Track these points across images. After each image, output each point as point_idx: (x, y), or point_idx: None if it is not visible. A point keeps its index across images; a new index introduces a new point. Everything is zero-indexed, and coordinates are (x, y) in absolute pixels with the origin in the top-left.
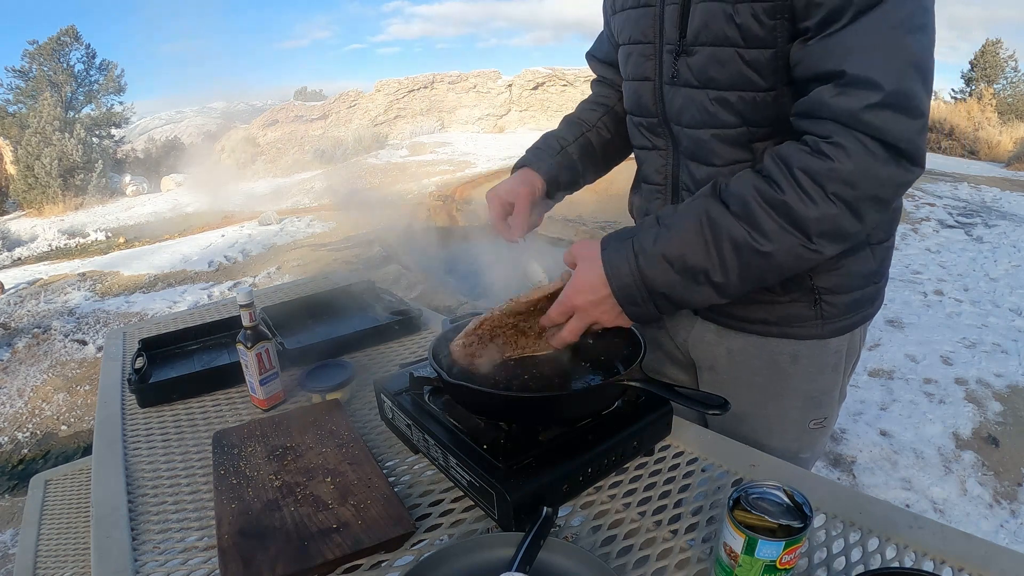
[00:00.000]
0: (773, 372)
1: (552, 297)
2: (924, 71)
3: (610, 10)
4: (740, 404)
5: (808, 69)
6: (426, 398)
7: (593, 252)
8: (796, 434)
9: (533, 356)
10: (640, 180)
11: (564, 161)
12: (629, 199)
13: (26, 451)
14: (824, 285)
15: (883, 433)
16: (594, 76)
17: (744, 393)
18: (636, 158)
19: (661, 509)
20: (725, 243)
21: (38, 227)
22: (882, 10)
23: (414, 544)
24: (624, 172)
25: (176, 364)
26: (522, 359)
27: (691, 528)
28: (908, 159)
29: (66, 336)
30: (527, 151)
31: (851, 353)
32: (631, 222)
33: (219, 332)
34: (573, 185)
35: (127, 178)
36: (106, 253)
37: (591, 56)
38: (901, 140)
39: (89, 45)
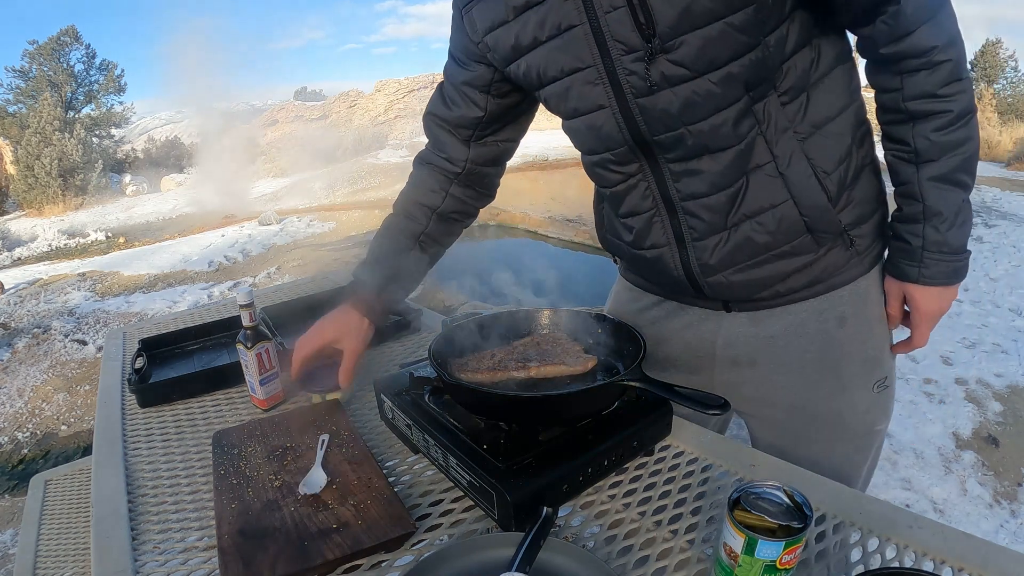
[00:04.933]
0: (823, 343)
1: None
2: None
3: (509, 55)
4: (796, 390)
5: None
6: (426, 398)
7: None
8: (866, 404)
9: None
10: (624, 215)
11: (399, 288)
12: (607, 241)
13: (26, 451)
14: (849, 220)
15: None
16: (422, 153)
17: (797, 377)
18: (609, 199)
19: (661, 509)
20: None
21: (38, 227)
22: None
23: (414, 544)
24: None
25: (176, 364)
26: (523, 355)
27: (691, 528)
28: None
29: (66, 336)
30: (357, 283)
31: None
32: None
33: (219, 332)
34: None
35: (127, 178)
36: (106, 253)
37: (434, 119)
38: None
39: (89, 45)
